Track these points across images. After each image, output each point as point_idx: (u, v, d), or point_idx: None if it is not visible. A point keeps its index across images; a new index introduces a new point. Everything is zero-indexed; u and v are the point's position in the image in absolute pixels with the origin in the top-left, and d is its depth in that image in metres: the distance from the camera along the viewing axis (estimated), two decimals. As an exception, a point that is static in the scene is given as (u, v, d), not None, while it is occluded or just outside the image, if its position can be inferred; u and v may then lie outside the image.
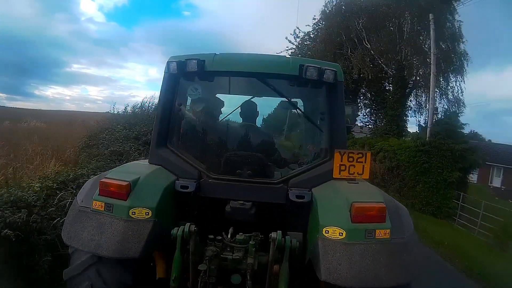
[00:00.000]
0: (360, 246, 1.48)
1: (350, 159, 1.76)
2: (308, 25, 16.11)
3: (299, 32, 16.04)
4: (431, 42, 9.36)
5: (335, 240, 1.50)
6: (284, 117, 2.96)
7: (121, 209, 1.63)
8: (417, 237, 1.79)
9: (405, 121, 13.86)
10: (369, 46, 12.78)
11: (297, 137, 2.73)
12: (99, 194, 1.69)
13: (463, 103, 12.17)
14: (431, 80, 9.47)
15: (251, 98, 2.39)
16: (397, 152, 10.20)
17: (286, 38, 15.80)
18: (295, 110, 2.40)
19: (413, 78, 13.11)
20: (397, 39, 12.19)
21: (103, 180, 1.71)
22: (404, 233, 1.60)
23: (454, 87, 12.91)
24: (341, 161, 1.75)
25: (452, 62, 11.85)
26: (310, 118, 2.29)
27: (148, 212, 1.62)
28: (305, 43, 16.34)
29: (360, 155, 1.77)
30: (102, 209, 1.64)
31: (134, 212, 1.61)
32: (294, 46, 16.23)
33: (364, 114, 16.81)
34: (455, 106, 13.06)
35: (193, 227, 1.66)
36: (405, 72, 12.51)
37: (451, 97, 13.18)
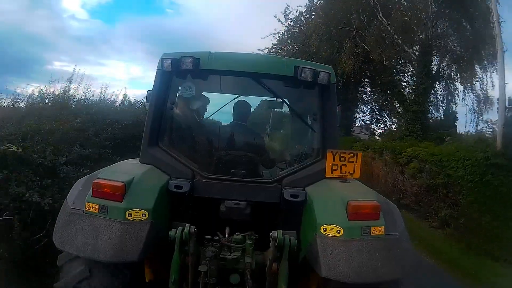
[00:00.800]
0: (357, 243, 2.38)
1: (342, 159, 2.87)
2: (300, 6, 18.48)
3: (289, 12, 18.39)
4: (492, 4, 10.20)
5: (333, 238, 2.41)
6: (276, 117, 4.21)
7: (117, 211, 2.43)
8: (408, 233, 2.81)
9: (429, 119, 15.25)
10: (385, 22, 14.45)
11: (289, 137, 3.99)
12: (92, 196, 2.47)
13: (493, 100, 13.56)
14: (498, 59, 10.10)
15: (237, 97, 3.61)
16: (446, 164, 10.10)
17: (275, 16, 18.21)
18: (287, 111, 3.62)
19: (441, 64, 14.70)
20: (422, 13, 13.78)
21: (97, 180, 2.50)
22: (396, 229, 2.61)
23: (484, 78, 14.49)
24: (333, 161, 2.86)
25: (480, 47, 13.24)
26: (302, 118, 3.46)
27: (145, 214, 2.47)
28: (297, 25, 18.62)
29: (352, 155, 2.89)
30: (96, 211, 2.43)
31: (131, 214, 2.43)
32: (283, 30, 18.54)
33: (365, 111, 18.90)
34: (483, 104, 14.63)
35: (193, 228, 2.55)
36: (434, 54, 13.77)
37: (479, 91, 14.90)
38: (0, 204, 3.71)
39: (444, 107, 17.03)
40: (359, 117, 20.05)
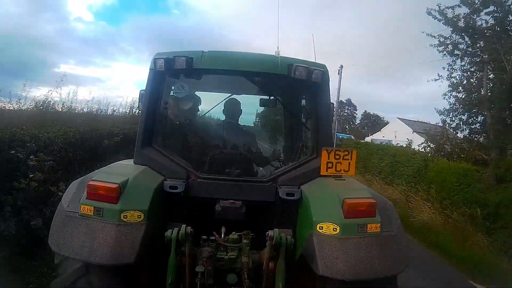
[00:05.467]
0: (354, 240, 2.42)
1: (337, 157, 2.89)
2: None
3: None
4: None
5: (330, 236, 2.44)
6: (272, 116, 4.47)
7: (112, 213, 2.43)
8: (404, 230, 2.88)
9: None
10: None
11: (284, 136, 4.03)
12: (87, 198, 2.48)
13: None
14: None
15: (230, 96, 3.64)
16: None
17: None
18: (282, 109, 3.67)
19: None
20: None
21: (91, 183, 2.50)
22: (392, 226, 2.65)
23: None
24: (328, 159, 2.88)
25: None
26: (297, 116, 3.49)
27: (140, 215, 2.47)
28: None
29: (346, 152, 2.91)
30: (91, 213, 2.44)
31: (126, 216, 2.44)
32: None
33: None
34: None
35: (189, 229, 2.58)
36: None
37: None
38: None
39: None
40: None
